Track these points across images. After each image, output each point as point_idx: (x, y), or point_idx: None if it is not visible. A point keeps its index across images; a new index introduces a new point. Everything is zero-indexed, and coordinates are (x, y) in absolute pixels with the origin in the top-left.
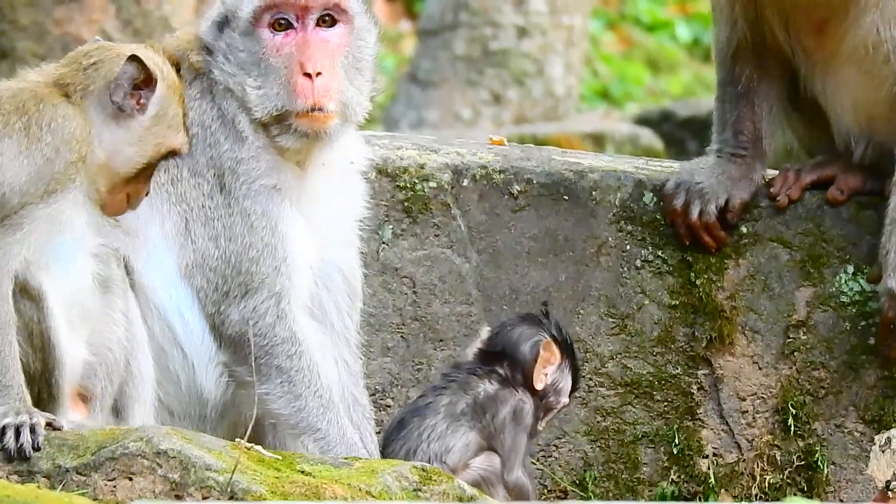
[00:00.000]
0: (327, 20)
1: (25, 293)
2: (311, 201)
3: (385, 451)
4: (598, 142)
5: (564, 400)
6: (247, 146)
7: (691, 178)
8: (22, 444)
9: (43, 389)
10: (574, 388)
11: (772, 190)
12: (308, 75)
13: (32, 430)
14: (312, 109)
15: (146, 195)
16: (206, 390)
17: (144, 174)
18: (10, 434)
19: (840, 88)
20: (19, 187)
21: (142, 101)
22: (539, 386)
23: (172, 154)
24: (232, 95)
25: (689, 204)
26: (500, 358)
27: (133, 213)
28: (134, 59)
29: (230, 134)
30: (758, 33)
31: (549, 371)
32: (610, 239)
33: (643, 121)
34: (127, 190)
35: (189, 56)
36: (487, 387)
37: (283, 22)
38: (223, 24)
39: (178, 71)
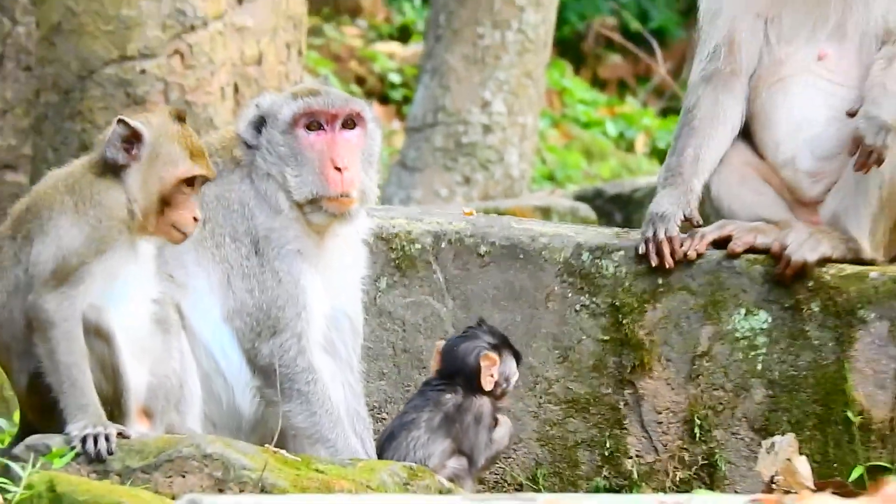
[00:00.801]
0: (349, 124)
1: (98, 334)
2: (326, 263)
3: (380, 457)
4: (545, 213)
5: (514, 379)
6: (280, 218)
7: (653, 211)
8: (99, 450)
9: (114, 408)
10: (518, 363)
11: (682, 248)
12: (338, 169)
13: (107, 438)
14: (341, 196)
15: (195, 220)
16: (242, 408)
17: (172, 206)
18: (90, 441)
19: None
20: (75, 251)
21: (133, 151)
22: (489, 387)
23: (190, 182)
24: (272, 179)
25: (656, 229)
26: (455, 375)
27: (184, 269)
28: (119, 121)
29: (265, 208)
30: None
31: (494, 371)
32: (556, 288)
33: (580, 197)
34: (166, 222)
35: (232, 150)
36: (454, 400)
37: (315, 124)
38: (259, 123)
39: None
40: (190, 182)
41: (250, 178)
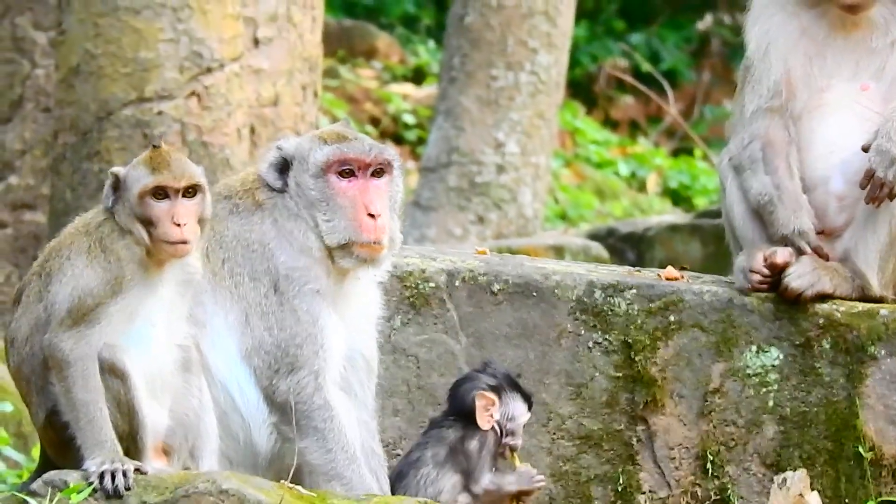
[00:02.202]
0: (378, 171)
1: (113, 372)
2: (343, 303)
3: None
4: (558, 252)
5: (522, 419)
6: (304, 258)
7: (786, 233)
8: (117, 486)
9: (130, 445)
10: (529, 405)
11: (754, 279)
12: (371, 216)
13: (125, 474)
14: (373, 242)
15: (179, 226)
16: (258, 445)
17: (154, 223)
18: (107, 478)
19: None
20: (90, 291)
21: (119, 194)
22: (486, 426)
23: (158, 195)
24: (301, 220)
25: (801, 246)
26: (457, 415)
27: (203, 308)
28: (111, 173)
29: (287, 248)
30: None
31: (493, 411)
32: (568, 326)
33: (593, 236)
34: (157, 242)
35: (253, 192)
36: (456, 434)
37: (347, 171)
38: (282, 166)
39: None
40: (158, 195)
41: (272, 218)
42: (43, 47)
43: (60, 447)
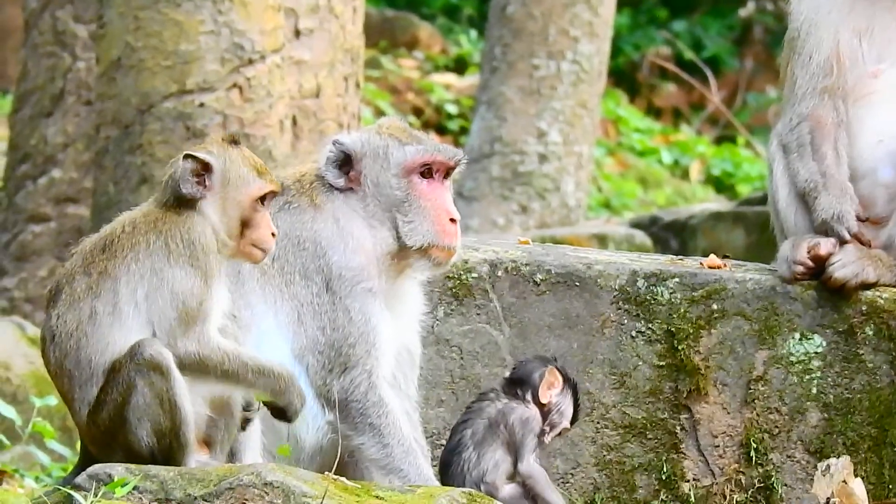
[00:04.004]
0: (448, 174)
1: (156, 369)
2: (394, 301)
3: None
4: (601, 241)
5: (566, 423)
6: (359, 256)
7: (824, 217)
8: None
9: (173, 440)
10: (575, 418)
11: (798, 270)
12: (453, 220)
13: None
14: (451, 247)
15: (273, 236)
16: (302, 440)
17: (251, 226)
18: None
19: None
20: (189, 291)
21: (206, 182)
22: (544, 400)
23: (262, 199)
24: (366, 220)
25: (839, 231)
26: (516, 382)
27: (250, 308)
28: (188, 156)
29: (340, 246)
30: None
31: (553, 393)
32: (611, 315)
33: (636, 225)
34: (247, 243)
35: (308, 188)
36: (497, 405)
37: (427, 172)
38: (343, 162)
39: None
40: (262, 199)
41: (331, 216)
42: (84, 41)
43: (102, 442)
